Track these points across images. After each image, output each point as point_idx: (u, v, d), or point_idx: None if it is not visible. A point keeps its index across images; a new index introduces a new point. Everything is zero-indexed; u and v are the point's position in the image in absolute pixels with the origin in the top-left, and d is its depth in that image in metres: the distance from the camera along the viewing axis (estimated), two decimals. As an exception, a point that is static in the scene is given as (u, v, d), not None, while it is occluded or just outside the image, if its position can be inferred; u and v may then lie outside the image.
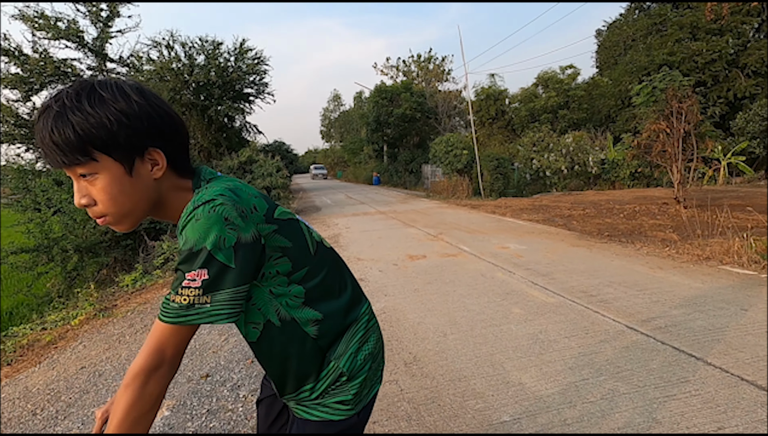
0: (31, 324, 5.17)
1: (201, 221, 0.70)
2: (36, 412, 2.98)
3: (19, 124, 9.09)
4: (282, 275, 0.81)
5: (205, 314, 0.72)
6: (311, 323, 0.86)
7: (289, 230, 0.83)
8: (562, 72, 21.98)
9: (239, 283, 0.72)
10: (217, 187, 0.76)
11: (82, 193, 0.75)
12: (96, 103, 0.71)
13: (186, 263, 0.71)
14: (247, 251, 0.73)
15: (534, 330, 3.01)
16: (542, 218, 8.52)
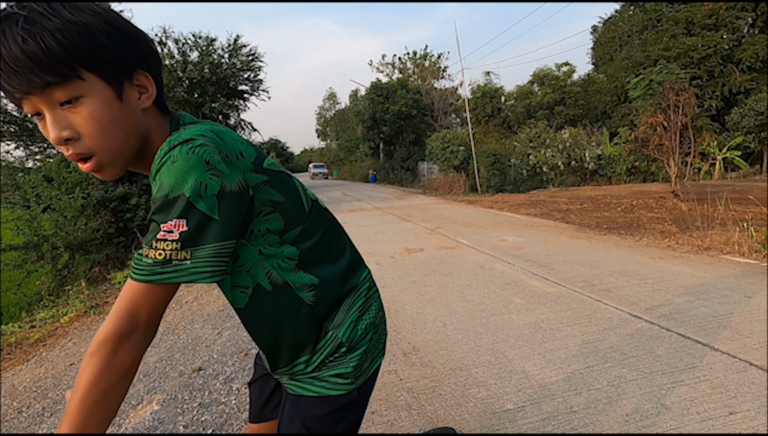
0: (20, 323, 5.05)
1: (178, 164, 0.59)
2: (21, 410, 2.87)
3: (8, 121, 8.93)
4: (273, 234, 0.72)
5: (185, 272, 0.61)
6: (306, 288, 0.76)
7: (280, 183, 0.73)
8: (557, 69, 22.00)
9: (224, 237, 0.62)
10: (198, 127, 0.65)
11: (62, 125, 0.60)
12: (76, 10, 0.58)
13: (161, 213, 0.60)
14: (232, 201, 0.62)
15: (535, 319, 2.94)
16: (540, 212, 8.47)
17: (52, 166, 7.35)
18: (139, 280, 0.61)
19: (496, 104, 23.73)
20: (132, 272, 0.63)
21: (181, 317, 4.18)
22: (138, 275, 0.61)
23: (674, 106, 8.64)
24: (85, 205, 6.77)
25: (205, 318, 3.96)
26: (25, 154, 9.28)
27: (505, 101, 24.01)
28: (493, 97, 23.69)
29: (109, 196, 7.02)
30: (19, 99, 0.60)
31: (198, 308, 4.34)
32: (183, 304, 4.57)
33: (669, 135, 8.76)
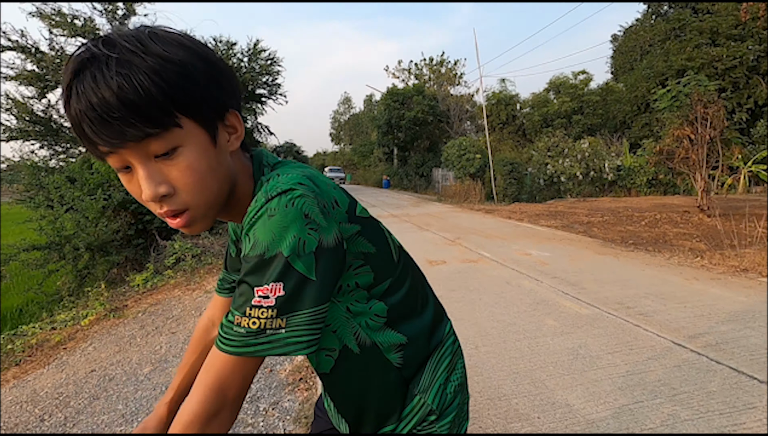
0: (41, 323, 5.07)
1: (276, 218, 0.52)
2: (44, 418, 2.84)
3: (34, 121, 9.06)
4: (362, 289, 0.64)
5: (279, 343, 0.53)
6: (394, 349, 0.69)
7: (372, 232, 0.66)
8: (574, 77, 21.75)
9: (321, 300, 0.55)
10: (293, 173, 0.58)
11: (157, 180, 0.53)
12: (168, 44, 0.51)
13: (255, 274, 0.53)
14: (329, 259, 0.55)
15: (572, 344, 2.81)
16: (561, 224, 8.29)
17: (75, 166, 7.43)
18: (230, 352, 0.54)
19: (511, 111, 23.52)
20: (220, 342, 0.55)
21: (201, 325, 4.14)
22: (229, 347, 0.54)
23: (702, 119, 8.41)
24: (106, 207, 6.82)
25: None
26: (49, 154, 9.40)
27: (520, 109, 23.81)
28: (509, 105, 23.48)
29: (130, 197, 7.05)
30: (105, 153, 0.52)
31: (218, 317, 4.30)
32: (203, 311, 4.53)
33: (696, 148, 8.53)
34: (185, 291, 5.43)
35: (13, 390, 3.40)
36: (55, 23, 9.31)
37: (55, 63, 9.35)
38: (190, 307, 4.76)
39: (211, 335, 0.90)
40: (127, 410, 2.71)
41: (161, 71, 0.49)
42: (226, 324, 0.55)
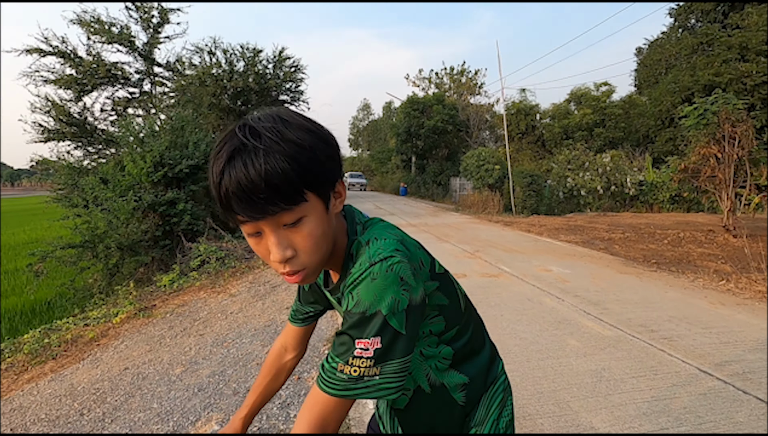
0: (74, 319, 5.29)
1: (378, 281, 0.61)
2: (83, 412, 2.98)
3: (70, 123, 9.47)
4: (433, 335, 0.75)
5: (374, 388, 0.62)
6: (459, 389, 0.80)
7: (447, 286, 0.76)
8: (596, 89, 21.52)
9: (408, 351, 0.64)
10: (389, 239, 0.67)
11: (284, 245, 0.62)
12: (298, 130, 0.61)
13: (357, 328, 0.62)
14: (417, 314, 0.65)
15: (596, 366, 2.84)
16: (581, 240, 8.24)
17: (107, 168, 7.73)
18: (333, 394, 0.63)
19: (530, 122, 23.37)
20: (323, 385, 0.64)
21: (228, 328, 4.27)
22: (332, 390, 0.63)
23: (730, 138, 8.28)
24: (136, 208, 7.07)
25: (252, 333, 4.03)
26: (83, 154, 9.79)
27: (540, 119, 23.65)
28: (528, 115, 23.34)
29: (159, 200, 7.30)
30: (243, 221, 0.61)
31: (244, 321, 4.43)
32: (229, 314, 4.67)
33: (723, 167, 8.39)
34: (210, 294, 5.59)
35: (51, 383, 3.58)
36: (94, 30, 9.74)
37: (92, 68, 9.78)
38: (216, 310, 4.91)
39: (283, 360, 1.01)
40: (161, 409, 2.83)
41: (297, 157, 0.58)
42: (329, 369, 0.64)
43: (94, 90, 10.02)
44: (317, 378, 0.66)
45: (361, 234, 0.71)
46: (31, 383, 3.67)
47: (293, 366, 1.03)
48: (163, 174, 7.38)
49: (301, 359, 1.03)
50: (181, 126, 8.34)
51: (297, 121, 0.62)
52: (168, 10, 10.79)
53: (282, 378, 1.02)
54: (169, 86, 11.83)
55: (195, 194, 7.95)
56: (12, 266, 10.25)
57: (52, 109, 9.24)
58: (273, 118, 0.61)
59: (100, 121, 10.28)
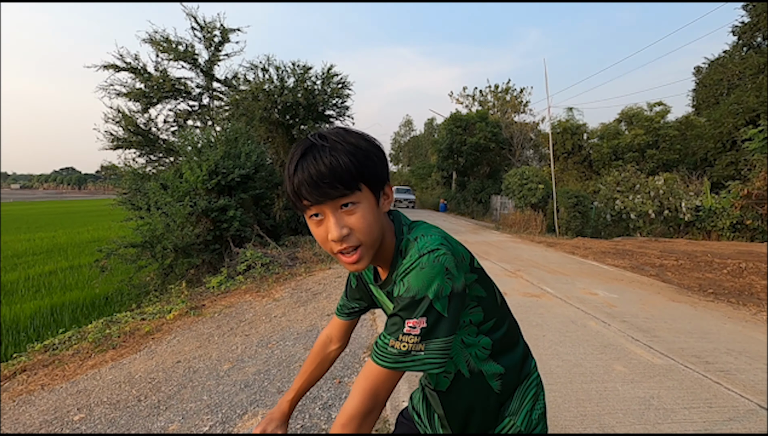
0: (132, 313, 5.68)
1: (426, 270, 0.71)
2: (140, 399, 3.21)
3: (137, 133, 10.28)
4: (473, 325, 0.83)
5: (419, 362, 0.72)
6: (495, 378, 0.87)
7: (484, 280, 0.85)
8: (649, 109, 20.64)
9: (450, 332, 0.72)
10: (434, 235, 0.78)
11: (341, 224, 0.75)
12: (357, 137, 0.77)
13: (407, 310, 0.72)
14: (458, 301, 0.74)
15: (644, 393, 2.73)
16: (630, 265, 7.88)
17: (168, 175, 8.31)
18: (384, 366, 0.73)
19: (577, 141, 22.70)
20: (376, 358, 0.74)
21: (272, 330, 4.45)
22: (383, 362, 0.73)
23: (800, 163, 7.70)
24: (191, 213, 7.53)
25: (295, 336, 4.18)
26: (145, 161, 10.57)
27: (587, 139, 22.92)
28: (575, 134, 22.70)
29: (212, 206, 7.75)
30: (308, 205, 0.75)
31: (287, 324, 4.60)
32: (273, 318, 4.87)
33: (792, 194, 7.80)
34: (255, 297, 5.84)
35: (112, 370, 3.87)
36: (163, 48, 10.60)
37: (158, 82, 10.61)
38: (261, 313, 5.12)
39: (328, 350, 1.12)
40: (211, 401, 3.01)
41: (355, 154, 0.73)
42: (382, 345, 0.74)
43: (159, 103, 10.85)
44: (371, 353, 0.76)
45: (408, 233, 0.82)
46: (94, 369, 3.97)
47: (336, 356, 1.13)
48: (217, 182, 7.84)
49: (343, 350, 1.13)
50: (235, 137, 8.84)
51: (355, 131, 0.79)
52: (229, 30, 11.56)
53: (326, 366, 1.12)
54: (225, 100, 12.57)
55: (244, 202, 8.35)
56: (76, 262, 11.15)
57: (122, 119, 10.09)
58: (337, 128, 0.78)
59: (163, 132, 11.09)
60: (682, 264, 8.19)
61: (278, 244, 8.19)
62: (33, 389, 3.52)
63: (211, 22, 11.18)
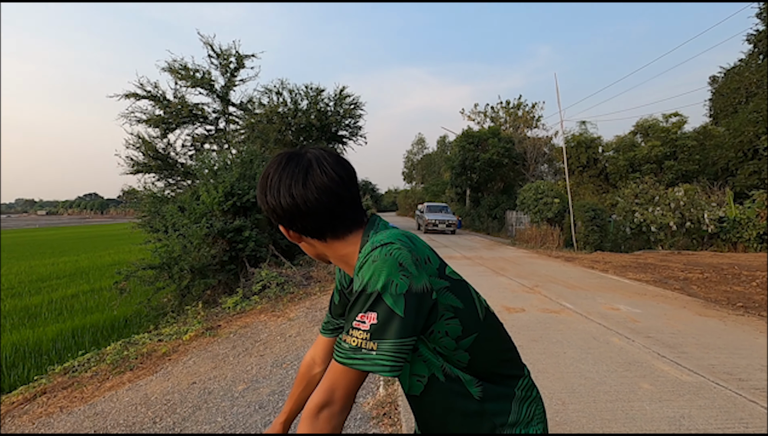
0: (149, 334, 5.73)
1: (377, 263, 0.69)
2: (156, 421, 3.20)
3: (156, 157, 10.61)
4: (451, 338, 0.77)
5: (369, 362, 0.68)
6: (475, 384, 0.80)
7: (460, 290, 0.79)
8: (665, 120, 20.34)
9: (405, 334, 0.68)
10: (394, 232, 0.77)
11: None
12: (284, 196, 0.81)
13: (357, 304, 0.70)
14: (415, 301, 0.70)
15: (673, 413, 2.59)
16: (652, 279, 7.64)
17: (185, 197, 8.49)
18: (338, 361, 0.71)
19: (592, 154, 22.43)
20: (335, 354, 0.72)
21: (286, 350, 4.42)
22: (337, 357, 0.71)
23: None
24: (207, 234, 7.64)
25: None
26: (164, 185, 10.84)
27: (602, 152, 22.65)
28: (590, 147, 22.45)
29: (228, 227, 7.86)
30: None
31: (302, 344, 4.56)
32: (287, 338, 4.84)
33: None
34: (270, 317, 5.84)
35: (128, 392, 3.88)
36: (181, 76, 11.00)
37: (177, 109, 10.98)
38: (275, 332, 5.10)
39: (312, 372, 1.09)
40: (225, 423, 2.97)
41: (273, 211, 0.83)
42: (338, 340, 0.72)
43: (177, 128, 11.22)
44: (333, 351, 0.76)
45: (375, 235, 0.79)
46: (111, 390, 3.99)
47: (320, 379, 1.08)
48: (232, 203, 7.97)
49: None
50: (250, 159, 9.02)
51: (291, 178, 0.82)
52: (244, 56, 11.96)
53: (311, 389, 1.08)
54: (240, 124, 12.92)
55: (259, 222, 8.45)
56: (98, 285, 11.37)
57: (143, 145, 10.45)
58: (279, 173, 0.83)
59: (181, 156, 11.43)
60: (707, 277, 7.90)
61: (293, 263, 8.23)
62: (52, 411, 3.55)
63: (227, 50, 11.59)
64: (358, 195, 0.84)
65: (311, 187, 0.76)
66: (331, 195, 0.78)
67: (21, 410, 3.63)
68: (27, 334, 6.89)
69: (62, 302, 9.31)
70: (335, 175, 0.78)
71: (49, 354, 6.20)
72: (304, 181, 0.77)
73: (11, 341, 6.54)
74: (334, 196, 0.78)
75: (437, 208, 21.08)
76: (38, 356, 6.12)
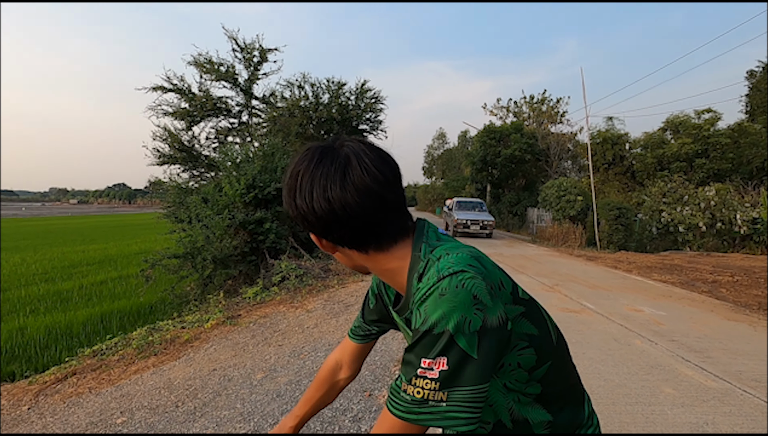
0: (173, 321, 5.91)
1: (447, 297, 0.59)
2: (178, 405, 3.31)
3: (181, 149, 10.87)
4: (523, 370, 0.69)
5: (440, 415, 0.59)
6: (543, 426, 0.73)
7: (534, 313, 0.70)
8: (697, 116, 19.56)
9: (482, 379, 0.59)
10: (462, 254, 0.65)
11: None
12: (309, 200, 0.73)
13: (422, 347, 0.60)
14: (492, 339, 0.60)
15: (697, 419, 2.52)
16: (679, 281, 7.41)
17: (209, 189, 8.68)
18: (397, 415, 0.62)
19: (618, 151, 21.78)
20: (390, 405, 0.63)
21: (304, 341, 4.50)
22: (396, 410, 0.62)
23: None
24: (230, 225, 7.80)
25: (327, 347, 4.20)
26: (189, 177, 11.11)
27: (629, 149, 21.97)
28: (616, 144, 21.80)
29: (249, 219, 8.00)
30: None
31: (319, 335, 4.63)
32: (305, 329, 4.92)
33: None
34: (289, 308, 5.94)
35: (153, 376, 4.02)
36: (206, 70, 11.20)
37: (201, 102, 11.20)
38: (294, 323, 5.19)
39: (336, 377, 1.00)
40: (244, 409, 3.05)
41: (303, 218, 0.72)
42: (395, 388, 0.63)
43: (201, 121, 11.46)
44: (387, 399, 0.65)
45: (429, 251, 0.68)
46: (136, 374, 4.14)
47: (345, 385, 1.01)
48: (254, 195, 8.10)
49: (353, 379, 1.02)
50: (272, 152, 9.14)
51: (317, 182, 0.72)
52: (267, 50, 12.08)
53: (333, 395, 1.01)
54: (262, 117, 13.09)
55: (280, 215, 8.57)
56: (125, 272, 11.78)
57: (168, 137, 10.72)
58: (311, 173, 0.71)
59: (204, 148, 11.68)
60: (738, 280, 7.61)
61: (312, 256, 8.32)
62: (82, 391, 3.71)
63: (251, 44, 11.73)
64: (404, 197, 0.71)
65: (350, 189, 0.64)
66: (374, 198, 0.65)
67: (53, 389, 3.81)
68: (59, 317, 7.22)
69: (92, 287, 9.69)
70: (379, 174, 0.65)
71: (79, 337, 6.48)
72: (342, 182, 0.64)
73: (45, 324, 6.86)
74: (378, 200, 0.65)
75: (469, 204, 17.49)
76: (69, 339, 6.41)
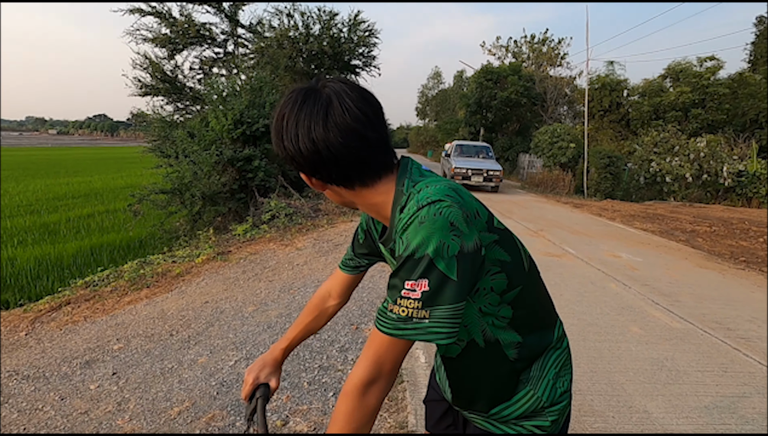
0: (164, 256, 5.99)
1: (426, 224, 0.63)
2: (173, 333, 3.45)
3: (164, 79, 10.33)
4: (495, 293, 0.73)
5: (423, 330, 0.64)
6: (513, 346, 0.78)
7: (507, 242, 0.75)
8: (699, 64, 19.01)
9: (459, 298, 0.64)
10: (440, 185, 0.69)
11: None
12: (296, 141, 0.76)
13: (405, 270, 0.64)
14: (468, 262, 0.64)
15: (658, 355, 2.74)
16: (659, 230, 7.65)
17: (194, 123, 8.40)
18: (384, 332, 0.66)
19: (615, 98, 21.31)
20: (378, 324, 0.68)
21: (294, 277, 4.63)
22: (383, 327, 0.67)
23: None
24: (217, 162, 7.66)
25: (316, 284, 4.34)
26: (173, 109, 10.68)
27: (627, 96, 21.51)
28: (614, 90, 21.27)
29: (237, 155, 7.84)
30: None
31: (309, 272, 4.76)
32: (295, 266, 5.04)
33: None
34: (279, 246, 6.03)
35: (146, 307, 4.15)
36: (187, -10, 10.36)
37: (183, 28, 10.48)
38: (284, 261, 5.31)
39: (326, 304, 1.06)
40: (236, 339, 3.21)
41: (292, 159, 0.75)
42: (382, 309, 0.68)
43: (184, 49, 10.79)
44: (375, 319, 0.70)
45: (411, 185, 0.72)
46: (130, 305, 4.26)
47: (334, 312, 1.07)
48: (242, 132, 7.88)
49: (342, 307, 1.08)
50: (260, 87, 8.77)
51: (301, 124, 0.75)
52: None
53: (322, 321, 1.06)
54: (249, 48, 12.37)
55: (269, 152, 8.41)
56: (112, 206, 11.69)
57: (150, 66, 10.13)
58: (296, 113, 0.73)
59: (189, 79, 11.11)
60: (715, 230, 7.89)
61: (302, 195, 8.31)
62: (77, 320, 3.83)
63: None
64: (387, 135, 0.74)
65: (333, 129, 0.67)
66: (356, 137, 0.68)
67: (49, 317, 3.93)
68: (48, 249, 7.24)
69: (79, 220, 9.65)
70: (360, 113, 0.68)
71: (70, 269, 6.55)
72: (325, 123, 0.67)
73: (34, 255, 6.88)
74: (360, 138, 0.69)
75: (473, 149, 14.60)
76: (60, 270, 6.48)
